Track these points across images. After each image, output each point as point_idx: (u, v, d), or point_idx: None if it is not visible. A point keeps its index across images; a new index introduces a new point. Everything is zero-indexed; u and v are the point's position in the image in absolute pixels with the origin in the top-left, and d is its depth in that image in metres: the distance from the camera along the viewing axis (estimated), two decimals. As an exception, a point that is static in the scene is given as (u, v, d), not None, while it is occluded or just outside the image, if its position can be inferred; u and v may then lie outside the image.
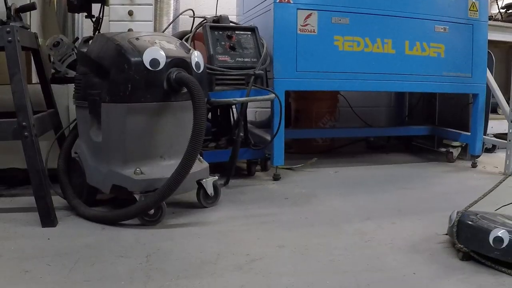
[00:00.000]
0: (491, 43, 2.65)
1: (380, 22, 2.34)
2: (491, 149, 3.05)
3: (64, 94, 2.07)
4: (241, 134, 2.18)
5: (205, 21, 2.25)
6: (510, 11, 3.16)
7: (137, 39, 1.63)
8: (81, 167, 1.75)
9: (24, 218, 1.63)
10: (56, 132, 2.00)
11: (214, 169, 1.94)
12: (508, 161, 2.40)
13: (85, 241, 1.42)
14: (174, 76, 1.60)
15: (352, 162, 2.75)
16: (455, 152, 2.75)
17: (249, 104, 2.41)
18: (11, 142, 1.61)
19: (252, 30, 2.25)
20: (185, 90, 1.61)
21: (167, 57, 1.60)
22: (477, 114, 2.56)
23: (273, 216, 1.71)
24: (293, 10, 2.21)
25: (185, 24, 2.66)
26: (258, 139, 2.47)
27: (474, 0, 2.48)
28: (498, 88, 2.61)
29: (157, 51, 1.59)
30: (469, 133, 2.63)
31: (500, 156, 2.70)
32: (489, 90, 2.62)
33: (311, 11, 2.24)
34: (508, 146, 2.40)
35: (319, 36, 2.26)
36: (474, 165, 2.61)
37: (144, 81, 1.57)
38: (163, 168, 1.63)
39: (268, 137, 2.32)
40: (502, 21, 3.01)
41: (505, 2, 3.22)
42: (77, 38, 2.21)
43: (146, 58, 1.57)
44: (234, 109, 2.49)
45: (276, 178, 2.27)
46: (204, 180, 1.78)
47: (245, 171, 2.39)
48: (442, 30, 2.45)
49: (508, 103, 2.45)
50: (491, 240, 1.21)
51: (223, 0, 2.88)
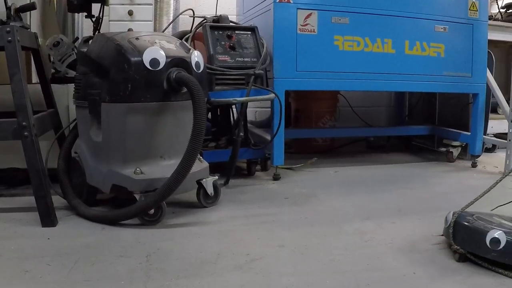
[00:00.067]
0: (491, 43, 2.64)
1: (380, 22, 2.33)
2: (491, 149, 3.05)
3: (64, 94, 2.07)
4: (241, 134, 2.18)
5: (205, 21, 2.25)
6: (510, 11, 3.16)
7: (137, 39, 1.63)
8: (81, 167, 1.75)
9: (24, 218, 1.63)
10: (56, 132, 2.00)
11: (214, 169, 1.94)
12: (508, 161, 2.40)
13: (85, 241, 1.42)
14: (174, 76, 1.60)
15: (352, 162, 2.75)
16: (455, 152, 2.75)
17: (249, 104, 2.41)
18: (11, 142, 1.61)
19: (252, 30, 2.25)
20: (185, 90, 1.61)
21: (167, 57, 1.60)
22: (477, 114, 2.57)
23: (273, 216, 1.71)
24: (293, 10, 2.21)
25: (185, 24, 2.65)
26: (258, 139, 2.47)
27: (474, 0, 2.48)
28: (498, 88, 2.61)
29: (157, 51, 1.59)
30: (469, 133, 2.63)
31: (500, 156, 2.69)
32: (489, 90, 2.62)
33: (311, 11, 2.24)
34: (508, 146, 2.40)
35: (319, 36, 2.26)
36: (474, 165, 2.61)
37: (144, 81, 1.57)
38: (163, 168, 1.63)
39: (268, 137, 2.32)
40: (502, 21, 3.01)
41: (505, 2, 3.22)
42: (77, 38, 2.21)
43: (146, 58, 1.57)
44: (234, 109, 2.49)
45: (276, 178, 2.27)
46: (204, 180, 1.78)
47: (245, 171, 2.39)
48: (442, 30, 2.45)
49: (508, 103, 2.44)
50: (488, 241, 1.20)
51: (223, 0, 2.87)
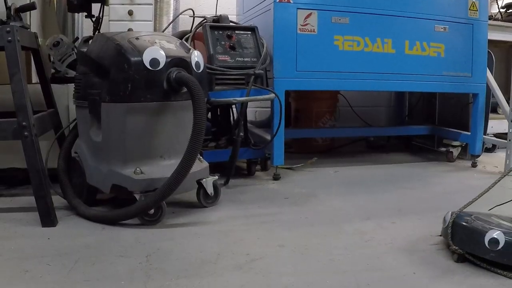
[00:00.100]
0: (491, 43, 2.64)
1: (380, 22, 2.33)
2: (491, 149, 3.05)
3: (64, 94, 2.07)
4: (241, 134, 2.18)
5: (205, 21, 2.25)
6: (510, 11, 3.16)
7: (137, 39, 1.63)
8: (81, 167, 1.75)
9: (24, 218, 1.63)
10: (56, 132, 2.00)
11: (214, 169, 1.94)
12: (508, 161, 2.40)
13: (85, 241, 1.42)
14: (174, 76, 1.60)
15: (352, 162, 2.75)
16: (455, 152, 2.75)
17: (249, 104, 2.41)
18: (11, 142, 1.61)
19: (252, 30, 2.24)
20: (185, 90, 1.61)
21: (167, 57, 1.60)
22: (477, 114, 2.57)
23: (273, 216, 1.71)
24: (293, 10, 2.21)
25: (185, 24, 2.65)
26: (258, 139, 2.47)
27: (474, 0, 2.48)
28: (498, 88, 2.61)
29: (157, 51, 1.59)
30: (469, 133, 2.63)
31: (500, 156, 2.70)
32: (489, 90, 2.62)
33: (311, 11, 2.24)
34: (508, 146, 2.40)
35: (319, 36, 2.26)
36: (474, 165, 2.61)
37: (144, 81, 1.57)
38: (163, 168, 1.63)
39: (268, 137, 2.32)
40: (502, 21, 3.01)
41: (505, 2, 3.22)
42: (77, 38, 2.21)
43: (146, 58, 1.57)
44: (234, 109, 2.49)
45: (276, 178, 2.27)
46: (204, 180, 1.78)
47: (245, 171, 2.39)
48: (442, 30, 2.45)
49: (508, 103, 2.44)
50: (487, 242, 1.19)
51: (223, 0, 2.87)
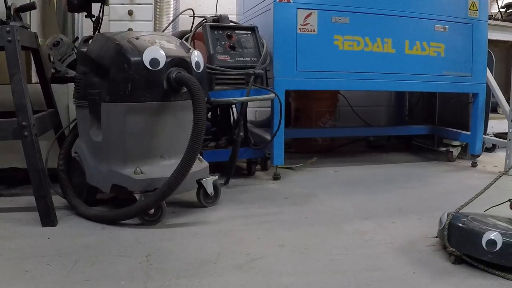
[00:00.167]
0: (491, 43, 2.64)
1: (380, 22, 2.33)
2: (491, 149, 3.05)
3: (64, 94, 2.07)
4: (241, 134, 2.18)
5: (205, 21, 2.25)
6: (510, 11, 3.16)
7: (137, 39, 1.63)
8: (81, 167, 1.75)
9: (24, 218, 1.63)
10: (56, 132, 2.00)
11: (214, 169, 1.94)
12: (508, 161, 2.40)
13: (85, 241, 1.42)
14: (174, 76, 1.60)
15: (352, 162, 2.75)
16: (455, 152, 2.75)
17: (249, 104, 2.41)
18: (11, 142, 1.61)
19: (252, 30, 2.24)
20: (185, 90, 1.61)
21: (167, 57, 1.60)
22: (477, 114, 2.56)
23: (273, 216, 1.71)
24: (293, 10, 2.21)
25: (185, 24, 2.65)
26: (258, 139, 2.47)
27: (474, 0, 2.48)
28: (498, 88, 2.61)
29: (157, 51, 1.59)
30: (469, 133, 2.63)
31: (500, 156, 2.70)
32: (489, 90, 2.62)
33: (311, 11, 2.24)
34: (508, 146, 2.40)
35: (319, 36, 2.26)
36: (474, 165, 2.61)
37: (144, 81, 1.57)
38: (163, 168, 1.63)
39: (268, 137, 2.32)
40: (502, 21, 3.01)
41: (505, 2, 3.21)
42: (77, 38, 2.21)
43: (146, 58, 1.57)
44: (234, 109, 2.49)
45: (276, 178, 2.27)
46: (204, 180, 1.78)
47: (245, 171, 2.39)
48: (442, 30, 2.45)
49: (508, 103, 2.44)
50: (484, 243, 1.19)
51: (223, 0, 2.87)
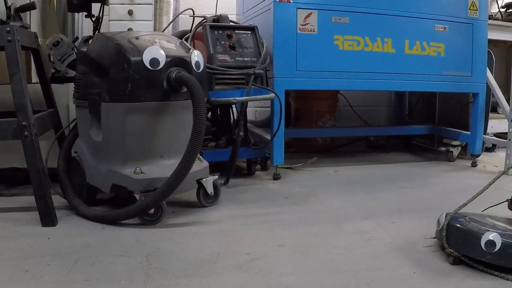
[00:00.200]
0: (491, 42, 2.64)
1: (380, 22, 2.33)
2: (491, 148, 3.05)
3: (64, 94, 2.07)
4: (241, 134, 2.18)
5: (205, 21, 2.25)
6: (510, 10, 3.16)
7: (137, 39, 1.63)
8: (81, 167, 1.75)
9: (24, 218, 1.63)
10: (56, 132, 2.00)
11: (214, 169, 1.94)
12: (508, 160, 2.40)
13: (85, 241, 1.42)
14: (174, 76, 1.60)
15: (352, 162, 2.75)
16: (455, 151, 2.75)
17: (249, 104, 2.41)
18: (11, 142, 1.61)
19: (252, 30, 2.24)
20: (185, 90, 1.61)
21: (167, 57, 1.60)
22: (477, 113, 2.56)
23: (273, 216, 1.71)
24: (293, 10, 2.21)
25: (185, 24, 2.65)
26: (258, 139, 2.47)
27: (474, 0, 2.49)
28: (498, 87, 2.61)
29: (157, 51, 1.59)
30: (469, 132, 2.63)
31: (500, 155, 2.70)
32: (489, 89, 2.62)
33: (311, 11, 2.24)
34: (508, 145, 2.40)
35: (319, 36, 2.26)
36: (474, 164, 2.61)
37: (144, 81, 1.57)
38: (163, 168, 1.63)
39: (268, 137, 2.32)
40: (502, 20, 3.01)
41: (505, 2, 3.21)
42: (77, 38, 2.21)
43: (146, 58, 1.57)
44: (234, 109, 2.49)
45: (276, 178, 2.27)
46: (204, 180, 1.78)
47: (245, 171, 2.39)
48: (442, 29, 2.45)
49: (508, 102, 2.44)
50: (483, 244, 1.18)
51: (223, 0, 2.87)
